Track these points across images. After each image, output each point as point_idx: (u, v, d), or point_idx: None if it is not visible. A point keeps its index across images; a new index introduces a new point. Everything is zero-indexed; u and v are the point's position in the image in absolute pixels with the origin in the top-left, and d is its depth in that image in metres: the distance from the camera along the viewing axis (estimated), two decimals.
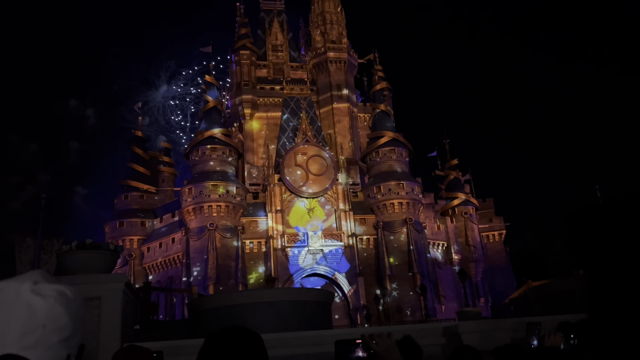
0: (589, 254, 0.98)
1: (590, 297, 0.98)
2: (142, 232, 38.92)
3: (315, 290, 17.88)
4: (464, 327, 8.15)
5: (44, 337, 1.03)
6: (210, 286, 32.46)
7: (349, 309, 35.18)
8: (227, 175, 36.35)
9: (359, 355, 1.99)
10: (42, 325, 1.03)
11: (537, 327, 3.25)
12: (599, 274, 0.96)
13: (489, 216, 45.17)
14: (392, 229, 36.82)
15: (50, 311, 1.05)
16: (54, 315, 1.05)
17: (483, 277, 41.07)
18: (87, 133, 62.66)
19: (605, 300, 0.94)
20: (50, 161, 58.92)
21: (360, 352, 1.99)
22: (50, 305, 1.05)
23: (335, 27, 47.96)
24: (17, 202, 48.88)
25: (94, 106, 63.71)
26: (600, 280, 0.95)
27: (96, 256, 8.62)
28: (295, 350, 7.57)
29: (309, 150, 38.24)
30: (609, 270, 0.94)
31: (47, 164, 58.42)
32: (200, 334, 12.17)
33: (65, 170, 59.29)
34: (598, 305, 0.96)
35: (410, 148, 40.68)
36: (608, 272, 0.94)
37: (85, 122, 63.05)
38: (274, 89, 46.03)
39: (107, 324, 8.06)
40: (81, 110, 62.82)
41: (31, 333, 1.01)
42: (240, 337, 1.63)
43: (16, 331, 1.00)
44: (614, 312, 0.93)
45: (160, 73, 67.04)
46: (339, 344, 2.03)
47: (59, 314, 1.06)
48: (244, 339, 1.63)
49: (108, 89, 64.37)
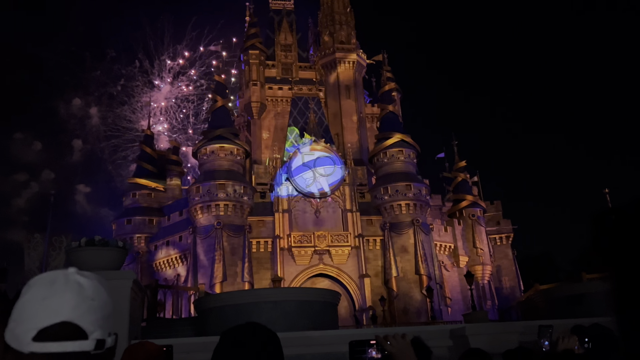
0: (617, 254, 0.96)
1: (617, 298, 0.96)
2: (150, 230, 39.08)
3: (321, 290, 17.88)
4: (472, 330, 8.11)
5: (92, 308, 1.20)
6: (216, 285, 32.53)
7: (355, 310, 35.14)
8: (234, 174, 36.42)
9: (373, 356, 1.98)
10: (91, 298, 1.20)
11: (549, 330, 3.22)
12: (627, 274, 0.95)
13: (496, 219, 44.96)
14: (399, 230, 36.74)
15: (95, 288, 1.22)
16: (99, 292, 1.22)
17: (490, 280, 40.88)
18: (91, 132, 63.35)
19: (635, 300, 0.93)
20: (54, 160, 59.61)
21: (374, 353, 1.99)
22: (95, 284, 1.23)
23: (344, 27, 47.95)
24: (21, 199, 49.54)
25: (97, 105, 64.34)
26: (628, 281, 0.94)
27: (105, 253, 8.66)
28: (303, 350, 7.56)
29: (317, 151, 38.24)
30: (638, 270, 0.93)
31: (51, 162, 59.08)
32: (207, 332, 12.20)
33: (69, 168, 60.04)
34: (627, 305, 0.95)
35: (418, 149, 40.56)
36: (637, 272, 0.93)
37: (88, 121, 63.74)
38: (282, 88, 46.11)
39: (114, 321, 8.08)
40: (84, 109, 63.48)
41: (82, 304, 1.19)
42: (257, 334, 1.62)
43: (70, 301, 1.18)
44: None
45: (163, 74, 67.49)
46: (353, 344, 2.03)
47: (102, 291, 1.24)
48: (261, 335, 1.62)
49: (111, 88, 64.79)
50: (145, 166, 41.58)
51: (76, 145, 61.69)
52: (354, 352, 2.01)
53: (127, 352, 2.79)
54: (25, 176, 52.78)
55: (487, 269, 40.59)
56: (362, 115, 46.82)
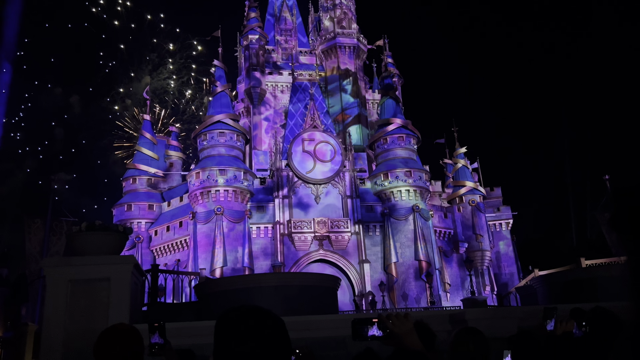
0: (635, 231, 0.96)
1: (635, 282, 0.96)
2: (150, 215, 39.17)
3: (321, 275, 17.96)
4: (471, 314, 8.17)
5: None
6: (217, 270, 32.70)
7: (354, 295, 35.36)
8: (234, 160, 36.40)
9: (375, 334, 2.02)
10: None
11: (554, 312, 3.28)
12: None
13: (496, 205, 45.04)
14: (399, 216, 36.82)
15: None
16: None
17: (489, 266, 41.07)
18: (72, 121, 63.65)
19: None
20: (36, 148, 59.98)
21: (376, 331, 2.02)
22: None
23: (345, 12, 47.57)
24: (4, 187, 50.46)
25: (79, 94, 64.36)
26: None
27: (105, 237, 8.68)
28: (303, 335, 7.62)
29: (317, 136, 38.17)
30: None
31: (34, 151, 59.40)
32: (207, 317, 12.28)
33: (50, 157, 60.62)
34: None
35: (418, 136, 40.50)
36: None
37: (70, 111, 63.92)
38: (282, 73, 45.86)
39: (116, 305, 8.14)
40: (65, 99, 63.54)
41: None
42: (259, 317, 1.61)
43: None
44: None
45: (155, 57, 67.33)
46: (355, 322, 2.08)
47: None
48: (263, 319, 1.61)
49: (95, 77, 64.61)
50: (145, 152, 41.55)
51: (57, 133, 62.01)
52: (357, 330, 2.05)
53: (99, 338, 2.83)
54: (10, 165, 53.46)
55: (487, 255, 40.76)
56: (362, 101, 46.65)
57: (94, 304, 8.16)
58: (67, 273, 8.30)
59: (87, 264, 8.39)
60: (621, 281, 0.99)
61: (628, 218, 0.97)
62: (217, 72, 40.19)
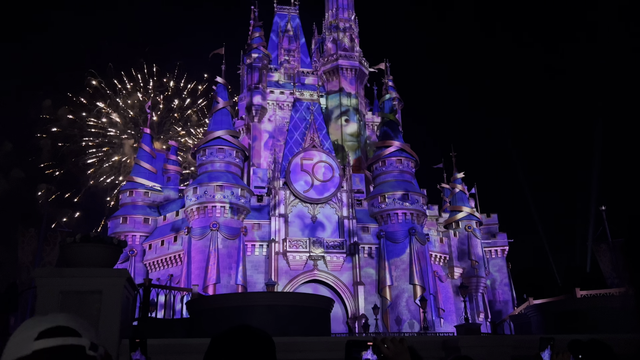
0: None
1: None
2: (145, 228, 38.96)
3: (315, 296, 17.80)
4: (464, 342, 8.09)
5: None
6: (210, 287, 32.40)
7: (347, 318, 35.03)
8: (232, 176, 36.38)
9: (369, 357, 1.98)
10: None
11: (550, 342, 3.24)
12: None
13: (492, 232, 44.97)
14: (395, 239, 36.70)
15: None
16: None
17: (483, 292, 40.82)
18: (60, 132, 64.18)
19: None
20: (24, 159, 60.29)
21: (370, 355, 1.98)
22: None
23: (348, 35, 48.12)
24: None
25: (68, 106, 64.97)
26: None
27: (99, 250, 8.62)
28: (294, 356, 7.53)
29: (315, 156, 38.25)
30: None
31: (21, 161, 59.64)
32: (199, 334, 12.14)
33: (37, 168, 61.02)
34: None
35: (417, 159, 40.61)
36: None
37: (57, 122, 64.42)
38: (284, 93, 46.19)
39: (107, 319, 8.04)
40: (53, 111, 64.07)
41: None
42: (251, 339, 1.60)
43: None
44: None
45: None
46: (350, 344, 2.03)
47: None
48: (255, 340, 1.60)
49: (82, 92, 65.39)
50: (144, 165, 41.53)
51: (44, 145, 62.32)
52: (351, 352, 2.01)
53: None
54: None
55: (482, 281, 40.55)
56: (362, 123, 46.89)
57: (84, 317, 8.02)
58: (58, 284, 8.21)
59: (79, 276, 8.31)
60: (621, 312, 0.99)
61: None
62: (218, 88, 40.44)
